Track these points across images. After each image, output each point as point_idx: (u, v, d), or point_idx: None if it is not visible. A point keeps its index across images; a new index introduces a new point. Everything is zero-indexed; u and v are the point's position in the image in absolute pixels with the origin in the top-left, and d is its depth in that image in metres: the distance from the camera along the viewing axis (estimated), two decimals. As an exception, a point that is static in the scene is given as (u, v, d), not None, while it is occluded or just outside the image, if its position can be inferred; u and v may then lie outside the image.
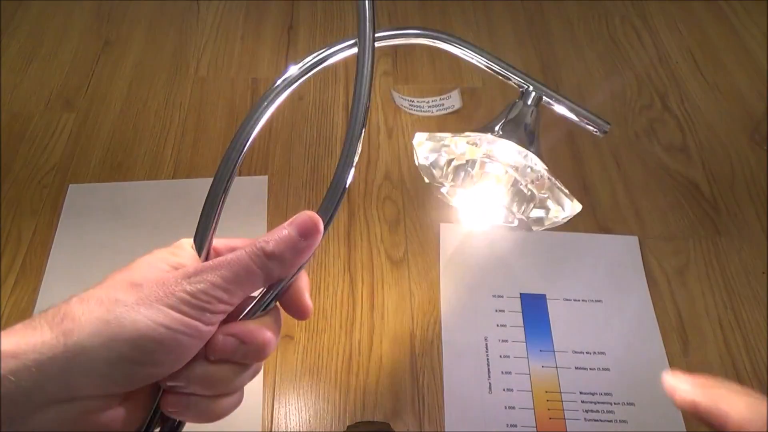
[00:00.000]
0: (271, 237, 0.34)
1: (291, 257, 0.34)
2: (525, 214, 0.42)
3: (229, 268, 0.32)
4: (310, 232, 0.34)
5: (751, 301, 0.72)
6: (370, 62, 0.38)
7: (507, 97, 0.94)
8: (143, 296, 0.30)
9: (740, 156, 0.87)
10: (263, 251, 0.33)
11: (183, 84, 0.95)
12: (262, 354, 0.33)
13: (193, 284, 0.31)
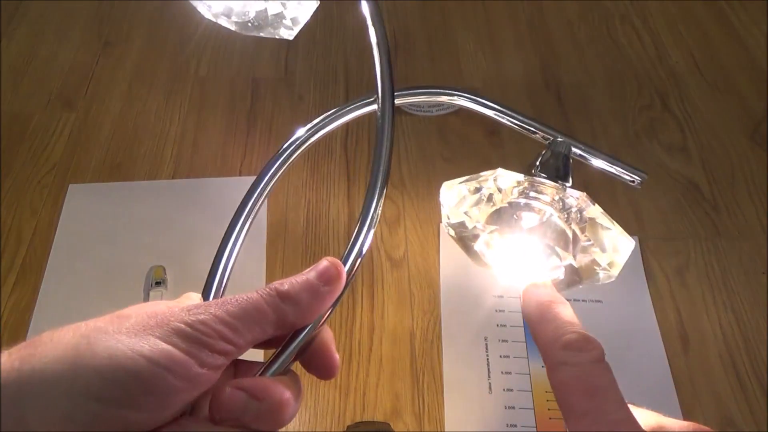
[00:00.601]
0: (289, 280, 0.30)
1: (308, 300, 0.30)
2: (572, 259, 0.37)
3: (237, 304, 0.28)
4: (332, 278, 0.31)
5: (751, 301, 0.72)
6: (390, 124, 0.36)
7: (508, 97, 0.94)
8: (129, 325, 0.26)
9: (740, 156, 0.87)
10: (277, 291, 0.29)
11: (183, 84, 0.95)
12: (280, 418, 0.27)
13: (192, 315, 0.26)
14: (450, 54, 1.00)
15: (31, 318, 0.70)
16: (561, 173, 0.40)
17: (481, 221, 0.38)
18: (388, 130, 0.36)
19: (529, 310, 0.28)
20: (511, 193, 0.39)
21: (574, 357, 0.23)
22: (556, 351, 0.23)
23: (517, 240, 0.38)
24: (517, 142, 0.88)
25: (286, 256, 0.75)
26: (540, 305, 0.27)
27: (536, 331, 0.26)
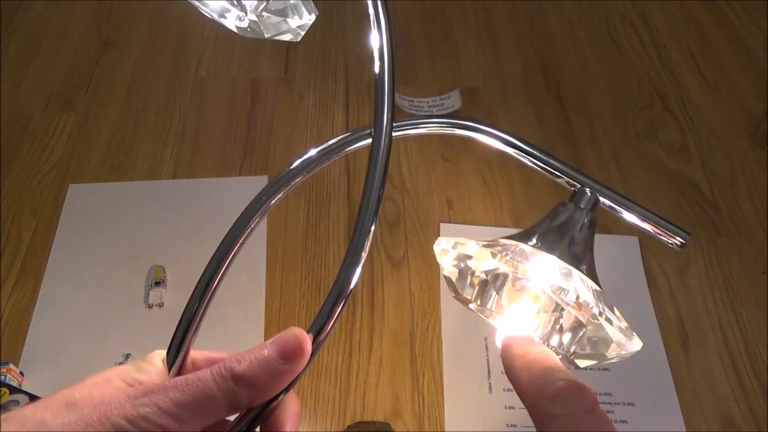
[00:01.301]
0: (246, 356, 0.27)
1: (265, 382, 0.27)
2: (566, 349, 0.33)
3: (185, 389, 0.25)
4: (294, 355, 0.27)
5: (751, 301, 0.72)
6: (385, 151, 0.32)
7: (508, 97, 0.94)
8: (74, 419, 0.24)
9: (740, 156, 0.87)
10: (231, 372, 0.26)
11: (183, 84, 0.95)
12: None
13: (136, 407, 0.24)
14: (450, 54, 1.00)
15: (31, 318, 0.70)
16: (570, 249, 0.34)
17: (472, 290, 0.35)
18: (383, 156, 0.32)
19: (509, 359, 0.25)
20: (502, 268, 0.34)
21: (564, 408, 0.20)
22: (545, 402, 0.21)
23: (508, 316, 0.34)
24: (517, 142, 0.88)
25: (286, 256, 0.75)
26: (522, 353, 0.25)
27: (519, 380, 0.24)
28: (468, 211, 0.80)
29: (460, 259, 0.35)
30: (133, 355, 0.66)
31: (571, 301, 0.32)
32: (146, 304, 0.70)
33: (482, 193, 0.82)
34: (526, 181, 0.83)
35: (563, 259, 0.33)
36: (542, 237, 0.35)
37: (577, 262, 0.34)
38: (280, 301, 0.71)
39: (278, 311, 0.71)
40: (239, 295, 0.71)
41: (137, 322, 0.69)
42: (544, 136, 0.89)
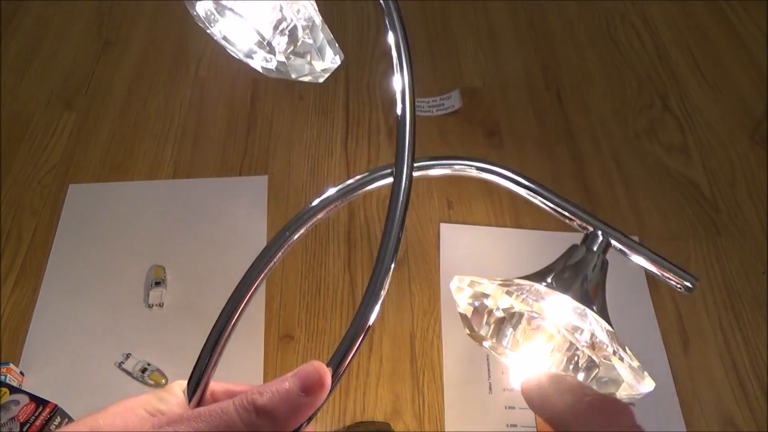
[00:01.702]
0: (268, 388, 0.28)
1: (286, 415, 0.28)
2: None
3: (208, 420, 0.26)
4: (314, 388, 0.28)
5: (751, 301, 0.72)
6: (406, 193, 0.33)
7: (508, 97, 0.94)
8: None
9: (740, 156, 0.87)
10: (254, 404, 0.27)
11: (183, 84, 0.95)
12: None
13: None
14: (450, 54, 1.00)
15: (31, 318, 0.70)
16: (583, 289, 0.35)
17: (488, 328, 0.35)
18: (404, 194, 0.33)
19: (534, 391, 0.24)
20: (518, 306, 0.35)
21: (605, 424, 0.20)
22: (574, 423, 0.21)
23: (522, 354, 0.35)
24: (516, 143, 0.88)
25: (286, 256, 0.75)
26: (546, 381, 0.24)
27: (548, 404, 0.23)
28: (468, 211, 0.80)
29: (476, 297, 0.36)
30: (133, 354, 0.66)
31: (585, 341, 0.32)
32: (146, 304, 0.70)
33: (482, 193, 0.82)
34: (526, 181, 0.83)
35: (577, 299, 0.34)
36: (556, 277, 0.36)
37: (589, 302, 0.34)
38: (280, 301, 0.71)
39: (278, 311, 0.71)
40: (239, 295, 0.71)
41: (137, 322, 0.69)
42: (544, 136, 0.89)
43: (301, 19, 0.35)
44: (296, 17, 0.35)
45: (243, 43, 0.39)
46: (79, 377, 0.66)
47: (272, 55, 0.38)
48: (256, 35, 0.37)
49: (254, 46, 0.39)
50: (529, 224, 0.79)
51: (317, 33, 0.35)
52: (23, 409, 0.55)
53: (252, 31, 0.37)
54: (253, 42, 0.38)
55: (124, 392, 0.64)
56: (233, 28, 0.38)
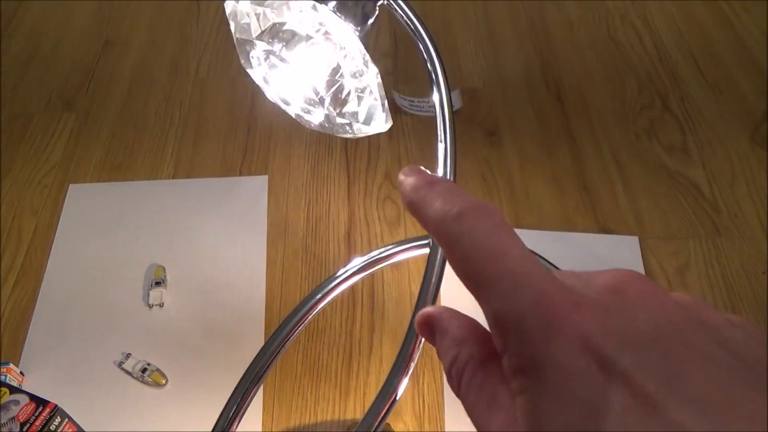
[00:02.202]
0: None
1: None
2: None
3: None
4: None
5: (751, 301, 0.72)
6: (440, 266, 0.33)
7: (507, 98, 0.94)
8: None
9: (740, 156, 0.87)
10: None
11: (183, 84, 0.95)
12: None
13: None
14: (450, 54, 1.00)
15: (31, 318, 0.70)
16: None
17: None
18: (438, 270, 0.32)
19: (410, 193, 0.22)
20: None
21: (474, 225, 0.18)
22: (450, 224, 0.19)
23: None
24: (516, 143, 0.88)
25: (287, 256, 0.75)
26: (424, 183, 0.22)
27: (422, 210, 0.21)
28: (468, 211, 0.80)
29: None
30: (133, 354, 0.66)
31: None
32: (146, 304, 0.70)
33: (482, 193, 0.82)
34: (526, 181, 0.83)
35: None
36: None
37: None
38: (280, 302, 0.71)
39: (278, 312, 0.71)
40: (239, 295, 0.71)
41: (137, 322, 0.69)
42: (544, 136, 0.89)
43: (356, 83, 0.34)
44: (351, 81, 0.34)
45: (285, 90, 0.38)
46: (79, 377, 0.66)
47: (315, 109, 0.37)
48: (305, 88, 0.36)
49: (297, 96, 0.38)
50: (529, 224, 0.79)
51: (369, 100, 0.34)
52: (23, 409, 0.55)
53: (301, 83, 0.36)
54: (298, 93, 0.37)
55: (125, 392, 0.64)
56: (279, 75, 0.37)
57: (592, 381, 0.14)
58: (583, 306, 0.15)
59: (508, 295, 0.16)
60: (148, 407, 0.64)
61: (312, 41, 0.34)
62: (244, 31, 0.36)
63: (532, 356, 0.15)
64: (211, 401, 0.64)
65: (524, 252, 0.17)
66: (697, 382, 0.13)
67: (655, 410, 0.13)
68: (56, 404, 0.55)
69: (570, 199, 0.82)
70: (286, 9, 0.33)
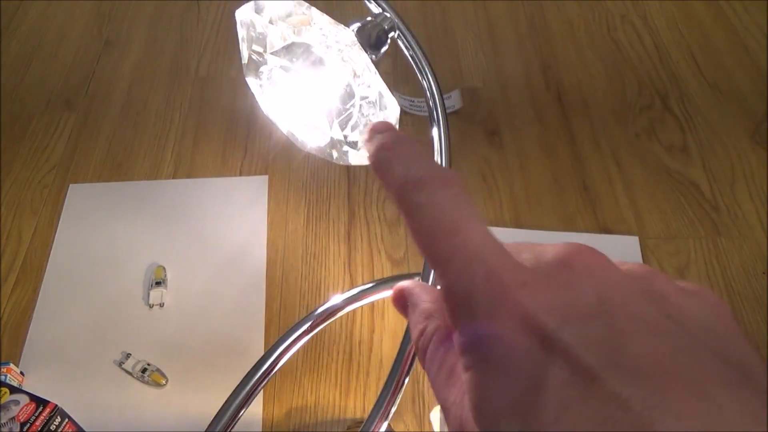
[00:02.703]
0: None
1: None
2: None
3: None
4: None
5: (751, 301, 0.72)
6: None
7: (507, 97, 0.94)
8: None
9: (741, 156, 0.87)
10: None
11: (183, 84, 0.95)
12: None
13: None
14: (450, 53, 1.00)
15: (31, 318, 0.70)
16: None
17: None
18: None
19: (375, 153, 0.22)
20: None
21: (431, 196, 0.19)
22: (410, 192, 0.19)
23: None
24: (516, 143, 0.88)
25: (286, 256, 0.75)
26: (390, 143, 0.22)
27: (385, 173, 0.21)
28: (468, 211, 0.80)
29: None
30: (133, 354, 0.66)
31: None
32: (147, 304, 0.70)
33: (482, 193, 0.82)
34: (526, 181, 0.83)
35: None
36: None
37: None
38: (280, 301, 0.71)
39: (278, 311, 0.71)
40: (239, 295, 0.71)
41: (137, 322, 0.69)
42: (544, 135, 0.89)
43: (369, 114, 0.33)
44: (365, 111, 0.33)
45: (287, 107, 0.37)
46: (79, 377, 0.66)
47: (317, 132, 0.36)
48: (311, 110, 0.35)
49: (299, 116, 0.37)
50: (529, 224, 0.79)
51: None
52: (23, 409, 0.55)
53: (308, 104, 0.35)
54: (301, 113, 0.36)
55: (125, 392, 0.64)
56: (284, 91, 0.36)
57: (533, 358, 0.14)
58: (528, 284, 0.15)
59: (458, 272, 0.17)
60: (148, 407, 0.64)
61: (328, 63, 0.33)
62: (258, 42, 0.34)
63: (477, 334, 0.16)
64: (211, 401, 0.64)
65: (479, 228, 0.18)
66: (638, 354, 0.13)
67: (593, 383, 0.13)
68: (56, 404, 0.55)
69: (570, 199, 0.82)
70: (306, 29, 0.32)
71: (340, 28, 0.31)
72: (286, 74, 0.33)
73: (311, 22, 0.32)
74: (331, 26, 0.31)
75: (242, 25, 0.34)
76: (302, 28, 0.32)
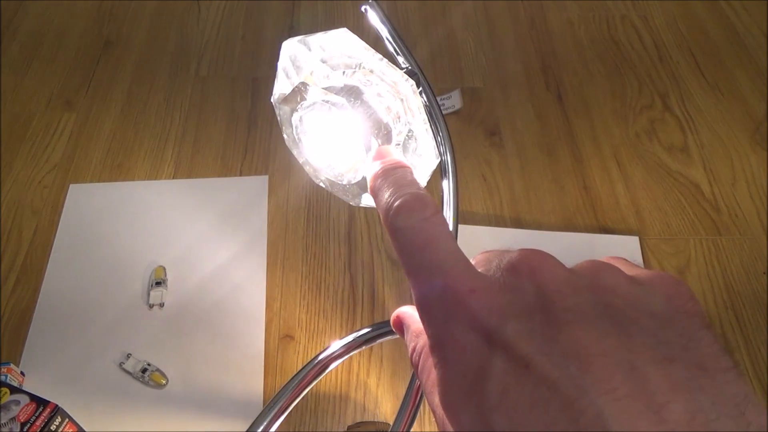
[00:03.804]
0: None
1: None
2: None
3: None
4: None
5: (751, 301, 0.72)
6: None
7: (507, 97, 0.94)
8: None
9: (741, 156, 0.87)
10: None
11: (183, 84, 0.95)
12: None
13: None
14: (450, 53, 1.00)
15: (31, 318, 0.70)
16: None
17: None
18: None
19: (371, 181, 0.24)
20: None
21: (407, 220, 0.21)
22: (391, 218, 0.21)
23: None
24: (517, 143, 0.88)
25: (287, 256, 0.75)
26: (382, 171, 0.24)
27: (375, 199, 0.23)
28: (468, 211, 0.80)
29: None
30: (133, 354, 0.66)
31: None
32: (147, 304, 0.70)
33: (482, 193, 0.82)
34: (527, 181, 0.83)
35: None
36: None
37: None
38: (280, 301, 0.71)
39: (278, 311, 0.71)
40: (240, 295, 0.71)
41: (137, 322, 0.69)
42: (544, 135, 0.89)
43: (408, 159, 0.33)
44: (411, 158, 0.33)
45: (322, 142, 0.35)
46: (80, 377, 0.66)
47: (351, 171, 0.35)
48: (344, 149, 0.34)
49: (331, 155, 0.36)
50: (530, 224, 0.79)
51: None
52: (24, 409, 0.55)
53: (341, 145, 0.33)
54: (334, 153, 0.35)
55: (125, 392, 0.64)
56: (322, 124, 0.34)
57: (479, 352, 0.17)
58: (477, 289, 0.17)
59: (424, 285, 0.19)
60: (148, 407, 0.64)
61: (372, 103, 0.32)
62: (302, 75, 0.33)
63: (438, 337, 0.18)
64: (211, 401, 0.64)
65: (445, 244, 0.20)
66: (568, 341, 0.15)
67: (527, 369, 0.15)
68: (57, 404, 0.55)
69: (570, 199, 0.82)
70: (363, 74, 0.31)
71: (395, 71, 0.31)
72: (329, 110, 0.32)
73: (363, 65, 0.31)
74: (385, 68, 0.31)
75: (287, 57, 0.33)
76: (353, 69, 0.31)
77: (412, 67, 0.34)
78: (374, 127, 0.31)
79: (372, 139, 0.31)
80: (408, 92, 0.30)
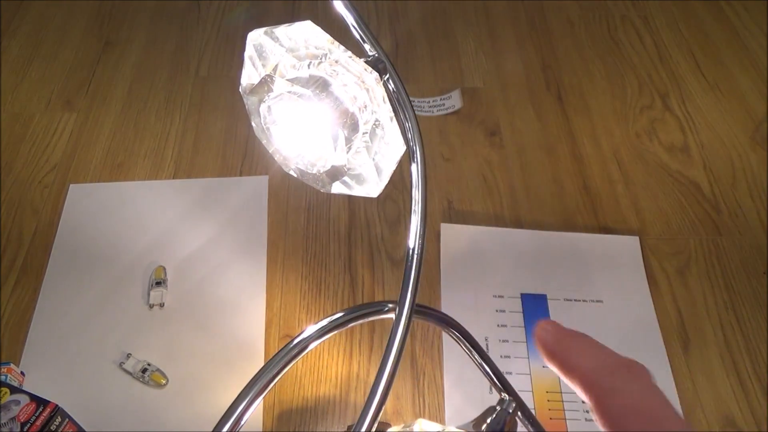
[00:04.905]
0: None
1: None
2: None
3: None
4: None
5: (751, 301, 0.72)
6: (404, 329, 0.34)
7: (508, 97, 0.94)
8: None
9: (741, 156, 0.87)
10: None
11: (183, 84, 0.95)
12: None
13: None
14: (451, 54, 1.00)
15: (31, 318, 0.70)
16: None
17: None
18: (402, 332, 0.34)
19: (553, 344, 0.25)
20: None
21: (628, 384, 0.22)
22: (604, 378, 0.22)
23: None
24: (517, 143, 0.88)
25: (287, 256, 0.75)
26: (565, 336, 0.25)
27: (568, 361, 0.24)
28: (468, 211, 0.80)
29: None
30: (133, 355, 0.66)
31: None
32: (147, 304, 0.70)
33: (482, 193, 0.82)
34: (527, 181, 0.83)
35: None
36: None
37: None
38: (280, 301, 0.71)
39: (278, 311, 0.71)
40: (239, 294, 0.71)
41: (138, 322, 0.69)
42: (544, 135, 0.89)
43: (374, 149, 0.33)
44: (367, 143, 0.33)
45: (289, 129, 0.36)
46: (80, 377, 0.66)
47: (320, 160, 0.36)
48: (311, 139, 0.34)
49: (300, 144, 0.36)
50: (530, 224, 0.79)
51: (370, 165, 0.34)
52: (24, 409, 0.55)
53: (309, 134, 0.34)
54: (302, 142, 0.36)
55: (125, 392, 0.64)
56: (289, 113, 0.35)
57: None
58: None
59: None
60: (148, 407, 0.64)
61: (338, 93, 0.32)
62: (268, 66, 0.34)
63: None
64: (211, 401, 0.64)
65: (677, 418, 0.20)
66: None
67: None
68: (57, 404, 0.55)
69: (570, 199, 0.82)
70: (322, 60, 0.32)
71: (359, 63, 0.31)
72: (296, 101, 0.33)
73: (329, 56, 0.32)
74: (349, 60, 0.31)
75: (252, 47, 0.33)
76: (318, 59, 0.32)
77: (378, 55, 0.34)
78: (341, 117, 0.31)
79: (339, 130, 0.31)
80: (372, 83, 0.31)
